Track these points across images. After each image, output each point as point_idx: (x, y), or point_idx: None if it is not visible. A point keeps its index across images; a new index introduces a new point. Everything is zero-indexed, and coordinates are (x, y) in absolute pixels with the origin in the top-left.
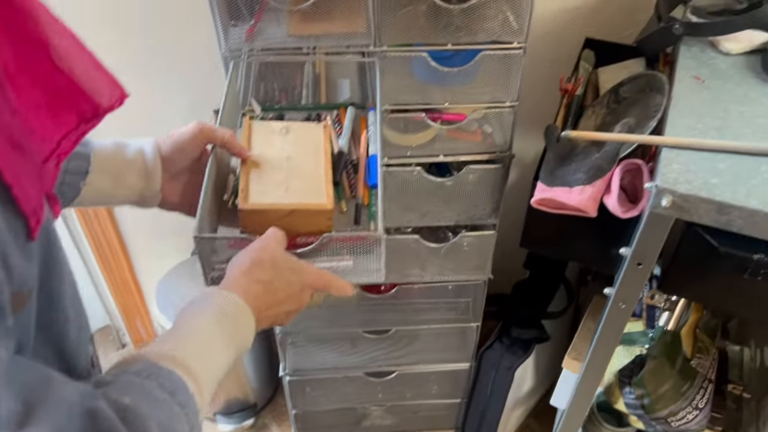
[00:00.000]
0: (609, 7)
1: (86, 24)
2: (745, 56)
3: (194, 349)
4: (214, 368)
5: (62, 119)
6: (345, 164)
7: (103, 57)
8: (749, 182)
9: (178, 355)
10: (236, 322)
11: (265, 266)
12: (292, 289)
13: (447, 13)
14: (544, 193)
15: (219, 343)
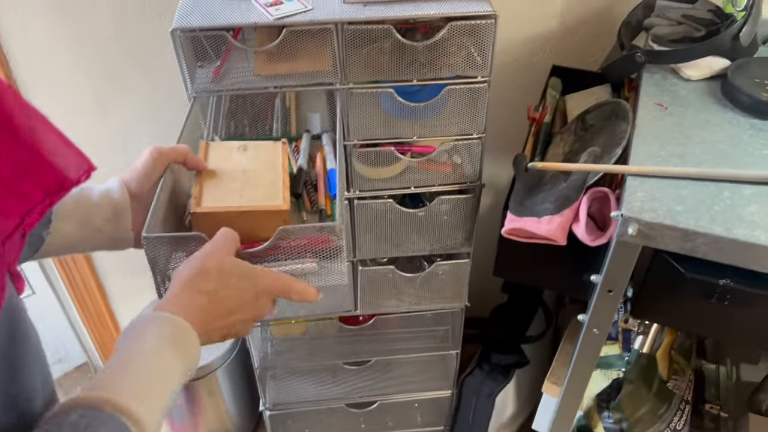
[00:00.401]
0: (574, 34)
1: (59, 69)
2: (706, 82)
3: (134, 388)
4: (158, 400)
5: (27, 195)
6: (305, 182)
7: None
8: (712, 208)
9: (115, 398)
10: (178, 345)
11: (210, 275)
12: (244, 296)
13: (411, 50)
14: (514, 223)
15: (162, 373)
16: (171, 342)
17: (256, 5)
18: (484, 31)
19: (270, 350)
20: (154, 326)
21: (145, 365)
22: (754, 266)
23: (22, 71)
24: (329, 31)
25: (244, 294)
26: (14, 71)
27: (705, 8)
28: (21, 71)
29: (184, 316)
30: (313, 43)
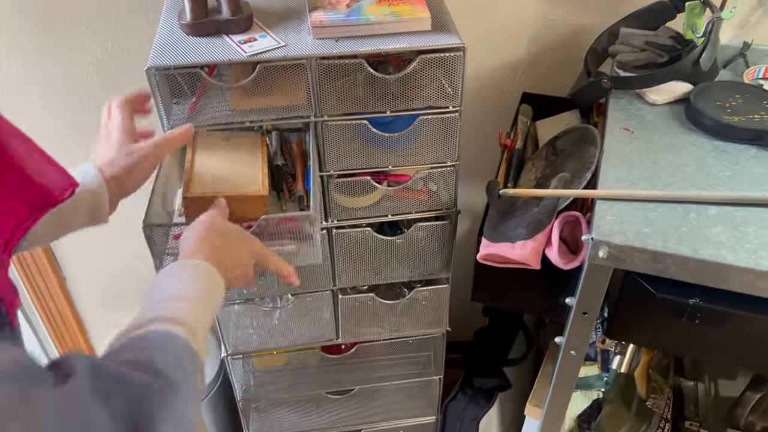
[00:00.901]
0: (543, 61)
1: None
2: (670, 106)
3: (189, 310)
4: (205, 322)
5: (14, 211)
6: (283, 175)
7: (55, 133)
8: (679, 230)
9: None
10: (211, 282)
11: (218, 233)
12: (242, 254)
13: (383, 82)
14: (489, 248)
15: (205, 300)
16: (206, 280)
17: (230, 42)
18: (453, 63)
19: (252, 382)
20: (188, 269)
21: (192, 294)
22: (721, 285)
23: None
24: (303, 66)
25: (242, 252)
26: None
27: (666, 35)
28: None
29: (209, 262)
30: (287, 77)
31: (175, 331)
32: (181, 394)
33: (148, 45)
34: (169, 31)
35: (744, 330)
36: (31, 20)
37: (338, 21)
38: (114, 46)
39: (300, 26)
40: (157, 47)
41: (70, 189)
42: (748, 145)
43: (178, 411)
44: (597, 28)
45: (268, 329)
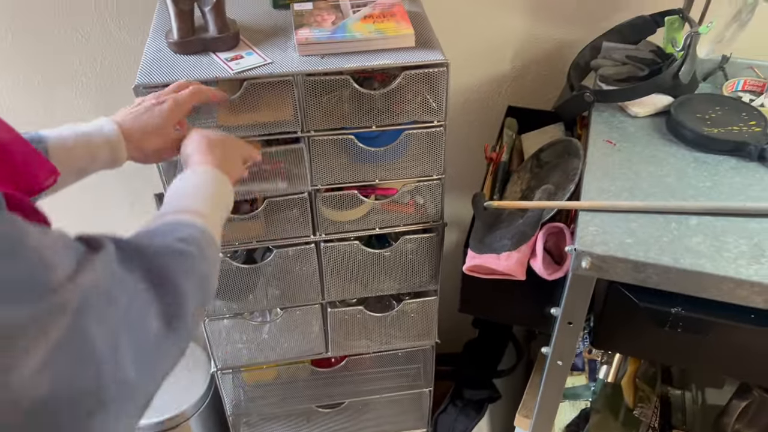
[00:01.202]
0: (527, 75)
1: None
2: (651, 118)
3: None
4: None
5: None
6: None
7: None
8: (661, 240)
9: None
10: (222, 183)
11: (216, 143)
12: (234, 154)
13: (369, 98)
14: (475, 260)
15: (218, 196)
16: (218, 183)
17: (217, 60)
18: (437, 79)
19: (243, 397)
20: (202, 176)
21: (206, 193)
22: (701, 294)
23: None
24: (289, 83)
25: (237, 157)
26: None
27: (647, 49)
28: None
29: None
30: (273, 94)
31: (194, 220)
32: (196, 258)
33: (135, 61)
34: (157, 49)
35: (726, 338)
36: (19, 39)
37: (324, 38)
38: (104, 63)
39: (286, 43)
40: (144, 65)
41: (52, 177)
42: (727, 156)
43: (196, 269)
44: (580, 43)
45: (257, 343)
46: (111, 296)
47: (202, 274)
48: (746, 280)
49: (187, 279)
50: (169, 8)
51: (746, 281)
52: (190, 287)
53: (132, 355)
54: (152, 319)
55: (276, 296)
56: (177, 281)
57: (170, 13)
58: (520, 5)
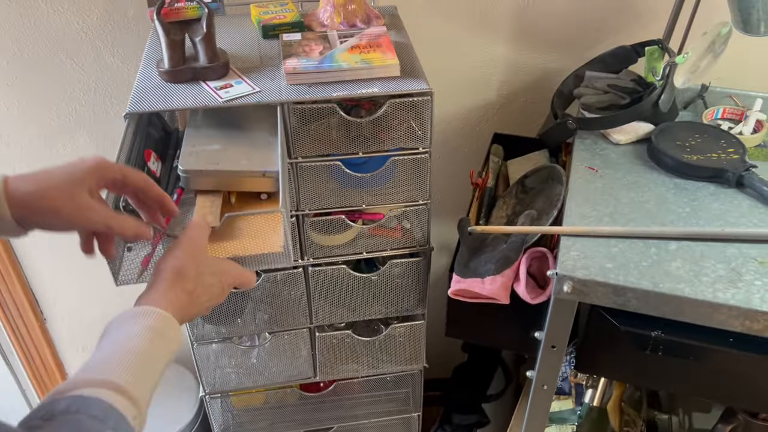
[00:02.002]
0: (513, 104)
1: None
2: (633, 146)
3: (127, 368)
4: (149, 379)
5: None
6: None
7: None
8: (640, 264)
9: (110, 379)
10: (165, 334)
11: (189, 275)
12: (213, 291)
13: (356, 125)
14: (460, 284)
15: (151, 355)
16: (158, 332)
17: (207, 88)
18: (422, 107)
19: (231, 421)
20: (142, 318)
21: (135, 348)
22: (680, 317)
23: None
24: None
25: (214, 289)
26: None
27: (628, 78)
28: None
29: (171, 311)
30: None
31: (118, 406)
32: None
33: (128, 89)
34: (148, 77)
35: (707, 362)
36: (17, 67)
37: (311, 68)
38: (97, 90)
39: (275, 73)
40: (136, 93)
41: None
42: (706, 183)
43: None
44: (564, 72)
45: (246, 368)
46: None
47: None
48: (724, 304)
49: None
50: (160, 38)
51: (724, 305)
52: None
53: None
54: None
55: (264, 320)
56: None
57: (161, 43)
58: (506, 35)
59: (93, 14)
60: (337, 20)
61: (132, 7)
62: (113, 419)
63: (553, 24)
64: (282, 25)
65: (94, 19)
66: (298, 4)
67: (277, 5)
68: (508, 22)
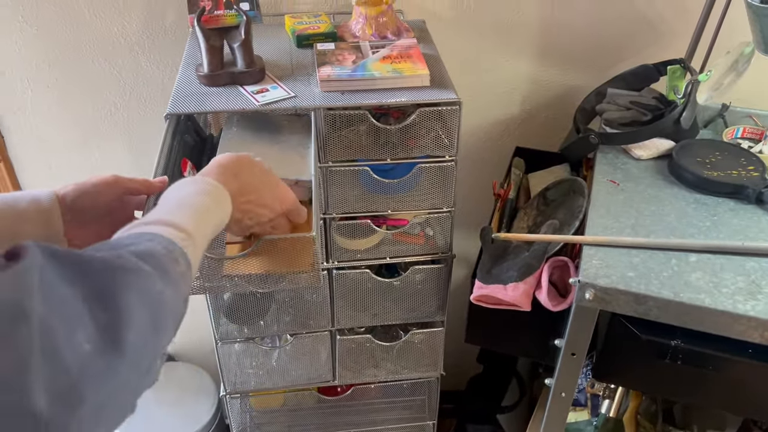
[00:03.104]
0: (535, 118)
1: (54, 146)
2: (654, 161)
3: (189, 216)
4: (205, 228)
5: None
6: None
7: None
8: (661, 275)
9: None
10: (221, 203)
11: (244, 165)
12: (261, 190)
13: (385, 132)
14: (482, 290)
15: (207, 210)
16: (213, 195)
17: (244, 92)
18: (450, 116)
19: (249, 422)
20: (197, 184)
21: (194, 203)
22: (700, 327)
23: (17, 149)
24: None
25: (263, 189)
26: (10, 151)
27: (650, 95)
28: (15, 149)
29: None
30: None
31: (162, 233)
32: (149, 276)
33: (162, 94)
34: (187, 81)
35: (725, 373)
36: (58, 69)
37: (344, 76)
38: (133, 94)
39: (309, 79)
40: (175, 95)
41: None
42: (726, 199)
43: (145, 287)
44: (586, 89)
45: (266, 369)
46: (18, 311)
47: (154, 293)
48: (743, 315)
49: (130, 297)
50: (200, 43)
51: (743, 316)
52: (135, 306)
53: (46, 381)
54: (82, 338)
55: (287, 322)
56: (117, 297)
57: (201, 48)
58: (531, 52)
59: (132, 21)
60: (368, 32)
61: (170, 14)
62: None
63: (577, 42)
64: (316, 35)
65: (133, 25)
66: (331, 16)
67: (311, 16)
68: (532, 40)
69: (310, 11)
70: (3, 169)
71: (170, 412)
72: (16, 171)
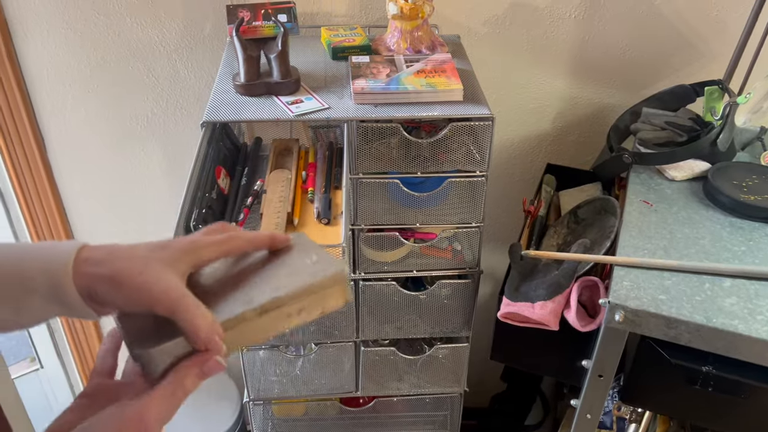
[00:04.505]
0: (568, 136)
1: (91, 152)
2: (689, 183)
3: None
4: None
5: None
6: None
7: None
8: (693, 299)
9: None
10: None
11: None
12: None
13: (416, 145)
14: (509, 307)
15: None
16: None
17: (279, 103)
18: (482, 131)
19: (270, 429)
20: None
21: None
22: (733, 354)
23: (56, 151)
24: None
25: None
26: (49, 153)
27: (686, 116)
28: (54, 151)
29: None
30: None
31: None
32: None
33: (197, 102)
34: (224, 90)
35: (758, 401)
36: (99, 74)
37: (378, 89)
38: (169, 101)
39: (342, 92)
40: (212, 104)
41: None
42: (763, 223)
43: None
44: (620, 108)
45: (290, 377)
46: None
47: None
48: None
49: None
50: (238, 54)
51: None
52: None
53: None
54: None
55: (312, 331)
56: None
57: (238, 58)
58: (565, 69)
59: (172, 29)
60: (403, 46)
61: (208, 24)
62: None
63: (613, 60)
64: (351, 48)
65: (173, 33)
66: (366, 29)
67: (347, 29)
68: (567, 57)
69: (346, 24)
70: (42, 171)
71: (193, 415)
72: (54, 173)
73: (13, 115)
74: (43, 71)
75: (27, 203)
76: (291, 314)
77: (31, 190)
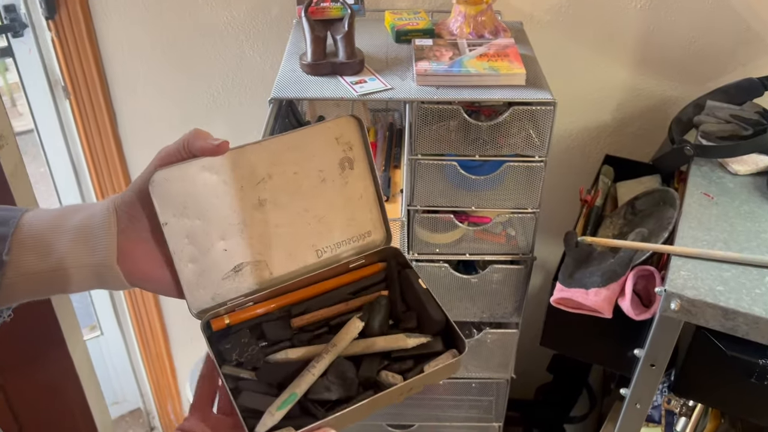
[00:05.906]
0: (628, 127)
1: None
2: (752, 177)
3: None
4: None
5: None
6: None
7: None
8: (753, 291)
9: None
10: None
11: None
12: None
13: (476, 128)
14: (563, 293)
15: None
16: None
17: (343, 82)
18: (543, 116)
19: None
20: None
21: None
22: None
23: (126, 127)
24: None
25: None
26: (120, 128)
27: (752, 110)
28: (125, 127)
29: None
30: None
31: None
32: None
33: (262, 82)
34: (291, 69)
35: None
36: (170, 53)
37: (441, 71)
38: (234, 80)
39: (405, 73)
40: (279, 81)
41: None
42: None
43: None
44: (683, 100)
45: None
46: None
47: None
48: None
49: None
50: (305, 34)
51: None
52: None
53: None
54: None
55: None
56: None
57: (306, 39)
58: (628, 59)
59: (241, 10)
60: (466, 30)
61: (276, 7)
62: None
63: (678, 52)
64: (414, 31)
65: (241, 14)
66: (429, 14)
67: (411, 13)
68: (631, 47)
69: (410, 8)
70: (113, 146)
71: None
72: (124, 149)
73: (89, 90)
74: (119, 49)
75: (98, 176)
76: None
77: (102, 164)
